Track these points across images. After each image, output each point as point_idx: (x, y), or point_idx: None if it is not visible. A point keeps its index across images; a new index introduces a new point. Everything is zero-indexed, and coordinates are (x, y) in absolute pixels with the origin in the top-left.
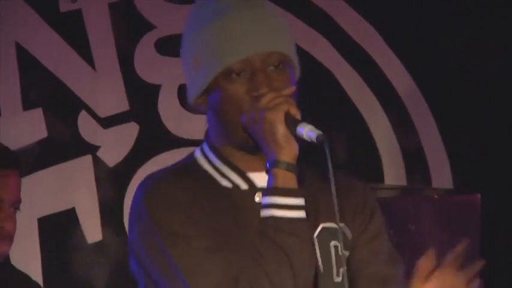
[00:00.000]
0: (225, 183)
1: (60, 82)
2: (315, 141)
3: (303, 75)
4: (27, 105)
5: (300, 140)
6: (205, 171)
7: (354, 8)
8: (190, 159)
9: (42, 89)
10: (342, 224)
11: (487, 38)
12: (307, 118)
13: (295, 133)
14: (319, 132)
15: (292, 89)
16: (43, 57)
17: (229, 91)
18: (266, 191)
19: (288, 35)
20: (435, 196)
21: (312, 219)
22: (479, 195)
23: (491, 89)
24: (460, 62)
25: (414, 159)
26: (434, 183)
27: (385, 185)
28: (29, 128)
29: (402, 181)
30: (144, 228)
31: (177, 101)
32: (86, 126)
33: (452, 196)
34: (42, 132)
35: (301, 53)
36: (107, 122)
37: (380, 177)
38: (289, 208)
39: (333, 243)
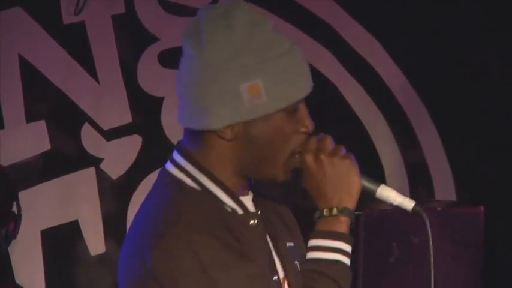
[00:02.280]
0: (225, 207)
1: (63, 94)
2: (410, 212)
3: None
4: (31, 117)
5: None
6: (198, 192)
7: (359, 22)
8: (176, 186)
9: (45, 101)
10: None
11: (492, 51)
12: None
13: (373, 194)
14: (413, 202)
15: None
16: (46, 69)
17: (282, 126)
18: (335, 235)
19: None
20: (438, 208)
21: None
22: (482, 208)
23: (495, 101)
24: (464, 75)
25: (417, 171)
26: (438, 196)
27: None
28: (32, 141)
29: (405, 194)
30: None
31: None
32: (89, 139)
33: (456, 208)
34: (45, 145)
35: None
36: (110, 135)
37: None
38: (349, 256)
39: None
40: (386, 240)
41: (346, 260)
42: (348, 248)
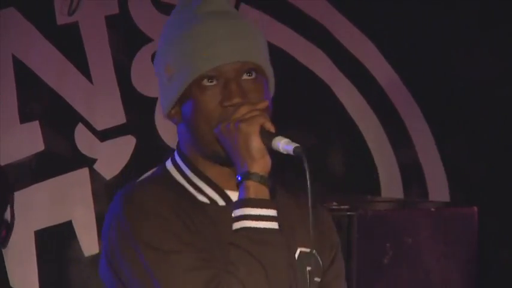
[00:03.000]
0: (201, 198)
1: (57, 95)
2: (292, 153)
3: (300, 88)
4: (24, 118)
5: (275, 153)
6: (180, 185)
7: (352, 22)
8: (162, 171)
9: (39, 102)
10: (314, 251)
11: (485, 50)
12: (289, 133)
13: (270, 147)
14: (295, 144)
15: (266, 103)
16: (40, 70)
17: (202, 100)
18: (238, 203)
19: (262, 46)
20: (432, 209)
21: (288, 238)
22: (476, 208)
23: (488, 102)
24: (458, 75)
25: (411, 172)
26: (431, 196)
27: (382, 198)
28: (25, 141)
29: (399, 194)
30: (124, 238)
31: None
32: (83, 139)
33: (449, 209)
34: (39, 145)
35: (299, 66)
36: (104, 135)
37: (377, 190)
38: (262, 219)
39: (308, 268)
40: (379, 241)
41: (253, 223)
42: (254, 211)
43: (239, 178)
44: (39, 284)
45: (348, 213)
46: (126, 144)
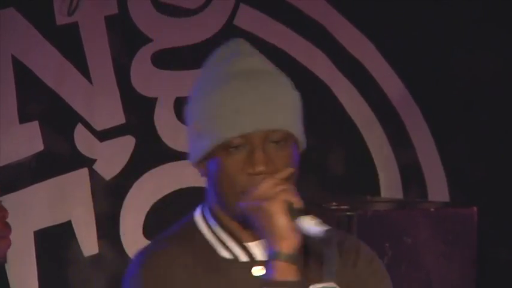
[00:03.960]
0: (224, 253)
1: (57, 95)
2: (320, 235)
3: (300, 88)
4: (24, 118)
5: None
6: (204, 238)
7: (351, 22)
8: (190, 221)
9: (38, 102)
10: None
11: (485, 51)
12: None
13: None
14: (324, 228)
15: (290, 170)
16: (39, 70)
17: (227, 164)
18: (265, 283)
19: (292, 109)
20: (431, 209)
21: None
22: (475, 208)
23: (488, 102)
24: (457, 76)
25: (410, 172)
26: (431, 197)
27: (382, 198)
28: (25, 141)
29: (398, 194)
30: None
31: (173, 114)
32: (82, 140)
33: (449, 209)
34: (38, 145)
35: (299, 67)
36: (103, 135)
37: (376, 191)
38: None
39: None
40: (379, 241)
41: None
42: None
43: (269, 255)
44: (39, 284)
45: (348, 213)
46: (126, 145)
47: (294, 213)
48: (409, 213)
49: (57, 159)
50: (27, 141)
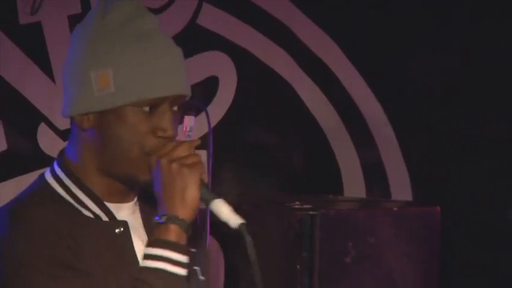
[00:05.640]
0: (85, 212)
1: (20, 94)
2: (234, 227)
3: (263, 87)
4: None
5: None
6: (63, 199)
7: (315, 22)
8: (42, 185)
9: (1, 101)
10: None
11: (447, 50)
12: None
13: (207, 204)
14: (240, 221)
15: (199, 141)
16: (2, 69)
17: (135, 124)
18: (158, 242)
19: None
20: (394, 208)
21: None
22: (438, 208)
23: (450, 103)
24: (420, 75)
25: (373, 171)
26: (394, 196)
27: (345, 197)
28: None
29: (362, 194)
30: (9, 263)
31: None
32: (46, 139)
33: (412, 208)
34: (1, 145)
35: (262, 66)
36: (67, 134)
37: (340, 190)
38: (179, 265)
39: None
40: (342, 240)
41: (173, 268)
42: (176, 256)
43: (160, 218)
44: None
45: (311, 212)
46: None
47: (208, 193)
48: (372, 212)
49: (21, 159)
50: None
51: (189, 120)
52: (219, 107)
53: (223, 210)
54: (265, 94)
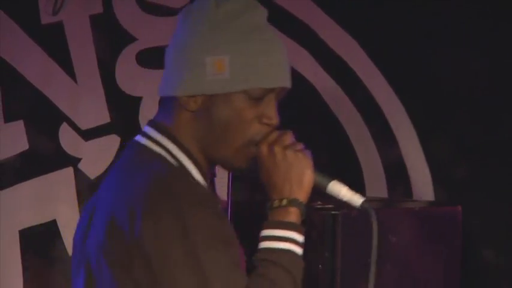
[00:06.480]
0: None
1: (42, 94)
2: (358, 207)
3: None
4: (9, 117)
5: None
6: (191, 175)
7: (336, 21)
8: (160, 160)
9: (23, 101)
10: None
11: (470, 50)
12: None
13: (323, 188)
14: (362, 198)
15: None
16: (24, 69)
17: (243, 109)
18: (286, 224)
19: None
20: (416, 208)
21: None
22: (460, 207)
23: (472, 102)
24: (442, 74)
25: (395, 171)
26: (415, 196)
27: (366, 197)
28: (10, 141)
29: (383, 193)
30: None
31: None
32: (67, 139)
33: (433, 208)
34: (23, 145)
35: None
36: (88, 134)
37: (361, 190)
38: (301, 246)
39: None
40: (364, 240)
41: (298, 250)
42: (299, 237)
43: (280, 202)
44: (23, 283)
45: (333, 212)
46: (111, 144)
47: (323, 176)
48: (394, 212)
49: (42, 159)
50: (12, 140)
51: None
52: None
53: (342, 190)
54: (287, 93)
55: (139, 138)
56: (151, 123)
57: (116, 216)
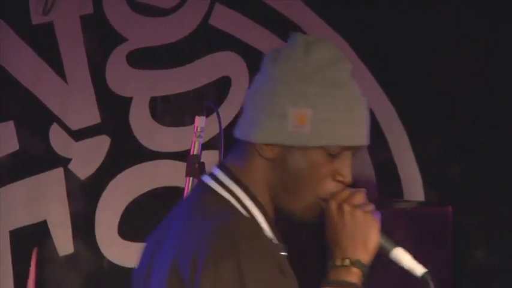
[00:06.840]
0: (275, 241)
1: (32, 95)
2: (417, 275)
3: None
4: None
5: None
6: (260, 227)
7: (327, 22)
8: (229, 207)
9: (14, 101)
10: None
11: (460, 50)
12: None
13: (387, 252)
14: (424, 270)
15: (364, 190)
16: (15, 69)
17: (318, 164)
18: (345, 284)
19: None
20: (407, 208)
21: None
22: (450, 208)
23: (463, 102)
24: (433, 76)
25: (386, 171)
26: (406, 196)
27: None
28: (0, 141)
29: (374, 194)
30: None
31: (148, 113)
32: (58, 139)
33: (424, 208)
34: (13, 145)
35: None
36: (79, 135)
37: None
38: None
39: None
40: None
41: None
42: None
43: (342, 261)
44: (14, 283)
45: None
46: (101, 144)
47: (388, 241)
48: (384, 212)
49: (33, 159)
50: (3, 141)
51: (200, 121)
52: (230, 108)
53: (406, 258)
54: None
55: (207, 180)
56: (222, 167)
57: (178, 261)
